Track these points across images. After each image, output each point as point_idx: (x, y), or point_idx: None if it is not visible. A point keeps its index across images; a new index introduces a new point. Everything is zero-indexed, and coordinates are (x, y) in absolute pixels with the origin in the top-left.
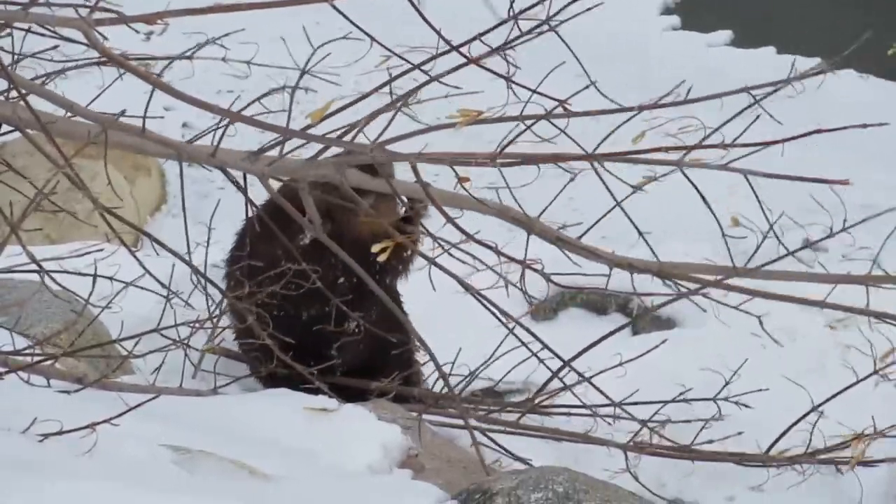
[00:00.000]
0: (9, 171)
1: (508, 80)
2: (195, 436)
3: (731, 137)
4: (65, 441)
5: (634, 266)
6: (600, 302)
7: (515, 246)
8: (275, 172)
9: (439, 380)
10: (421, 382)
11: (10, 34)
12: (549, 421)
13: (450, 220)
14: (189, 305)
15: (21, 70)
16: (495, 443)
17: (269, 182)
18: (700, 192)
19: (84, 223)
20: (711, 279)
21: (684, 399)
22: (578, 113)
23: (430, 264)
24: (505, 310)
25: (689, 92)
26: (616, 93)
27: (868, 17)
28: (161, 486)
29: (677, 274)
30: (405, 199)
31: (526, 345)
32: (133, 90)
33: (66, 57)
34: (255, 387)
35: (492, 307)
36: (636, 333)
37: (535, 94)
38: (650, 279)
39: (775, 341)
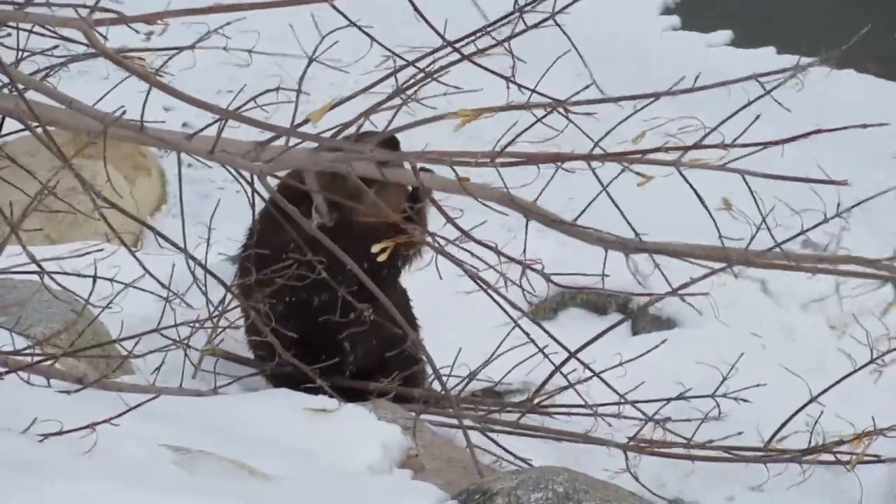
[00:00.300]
0: (9, 168)
1: (508, 80)
2: (195, 436)
3: (730, 137)
4: (65, 441)
5: (628, 245)
6: (600, 302)
7: (515, 247)
8: (276, 167)
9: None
10: (424, 381)
11: (9, 34)
12: (549, 421)
13: (450, 220)
14: (189, 305)
15: (22, 67)
16: (495, 443)
17: (268, 179)
18: (697, 193)
19: (87, 217)
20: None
21: (684, 397)
22: (582, 102)
23: (435, 256)
24: (509, 304)
25: (696, 80)
26: (616, 93)
27: (868, 17)
28: (161, 486)
29: (668, 251)
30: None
31: (530, 337)
32: (133, 89)
33: (68, 52)
34: (255, 386)
35: (497, 299)
36: (636, 333)
37: (535, 94)
38: (649, 279)
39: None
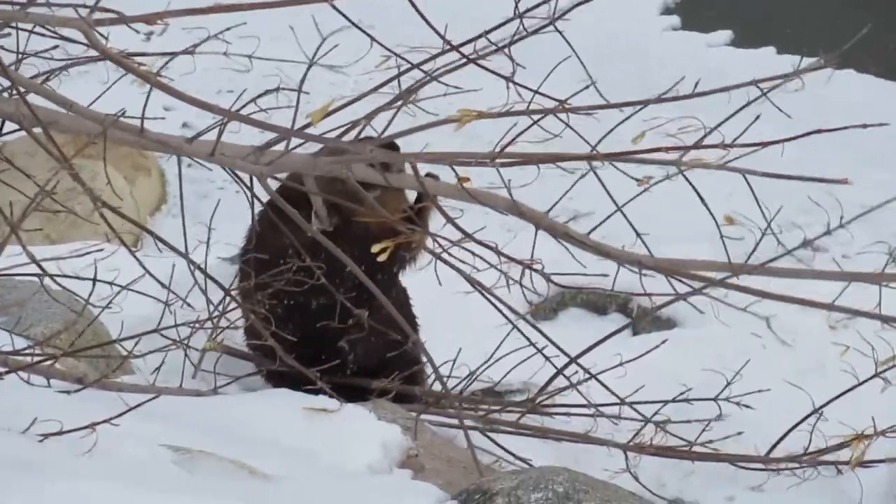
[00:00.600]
0: (8, 171)
1: (509, 80)
2: (195, 436)
3: (731, 137)
4: (65, 441)
5: (643, 263)
6: (600, 302)
7: (515, 247)
8: (276, 170)
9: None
10: (424, 381)
11: (9, 34)
12: (549, 421)
13: (450, 220)
14: (189, 306)
15: (22, 69)
16: (495, 443)
17: (269, 182)
18: (698, 193)
19: (85, 221)
20: (717, 277)
21: (685, 399)
22: (581, 108)
23: (434, 260)
24: (509, 306)
25: (697, 85)
26: (616, 93)
27: (868, 17)
28: (161, 486)
29: (685, 272)
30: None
31: (530, 340)
32: (133, 90)
33: (68, 55)
34: (255, 386)
35: (496, 302)
36: (636, 333)
37: (535, 95)
38: (649, 278)
39: (783, 341)
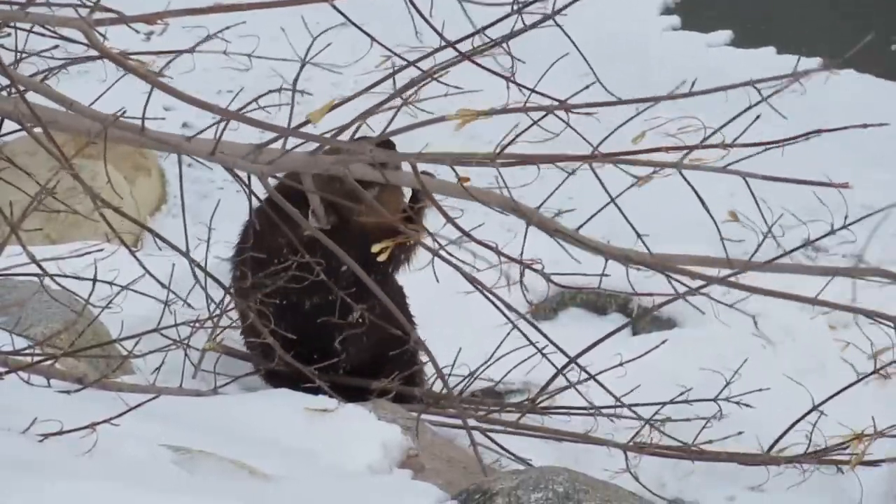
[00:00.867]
0: (8, 171)
1: (508, 80)
2: (195, 436)
3: (731, 137)
4: (65, 441)
5: (631, 258)
6: (600, 302)
7: (515, 247)
8: (276, 169)
9: (439, 379)
10: (423, 382)
11: (9, 34)
12: (549, 421)
13: (449, 220)
14: (189, 306)
15: (22, 68)
16: (495, 443)
17: (269, 180)
18: (698, 194)
19: (86, 219)
20: (709, 273)
21: (685, 399)
22: (581, 105)
23: (433, 258)
24: (508, 306)
25: (693, 84)
26: (616, 93)
27: (868, 16)
28: (161, 486)
29: (674, 267)
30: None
31: (530, 340)
32: (133, 89)
33: (68, 54)
34: (255, 386)
35: (496, 301)
36: (636, 333)
37: (536, 94)
38: (649, 278)
39: (769, 341)
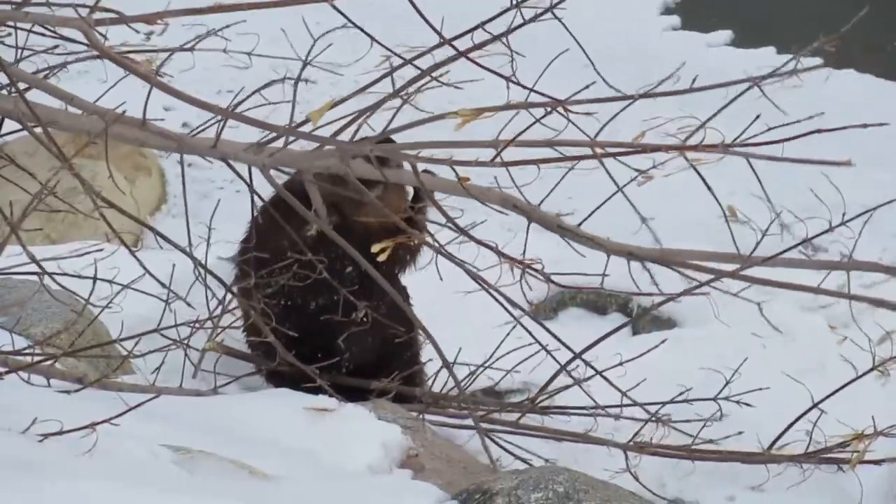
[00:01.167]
0: (8, 171)
1: (508, 80)
2: (195, 436)
3: (730, 138)
4: (65, 441)
5: (634, 253)
6: (600, 302)
7: (514, 247)
8: (277, 163)
9: (441, 379)
10: (424, 382)
11: (9, 34)
12: (549, 421)
13: (450, 219)
14: (189, 305)
15: (22, 66)
16: (495, 443)
17: (271, 173)
18: (704, 179)
19: (86, 219)
20: (707, 266)
21: (685, 399)
22: (582, 101)
23: (436, 255)
24: (511, 303)
25: (695, 80)
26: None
27: (868, 17)
28: (161, 486)
29: (672, 260)
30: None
31: (534, 337)
32: (133, 89)
33: (68, 53)
34: (255, 386)
35: (498, 297)
36: (636, 333)
37: (535, 93)
38: (650, 278)
39: (775, 328)
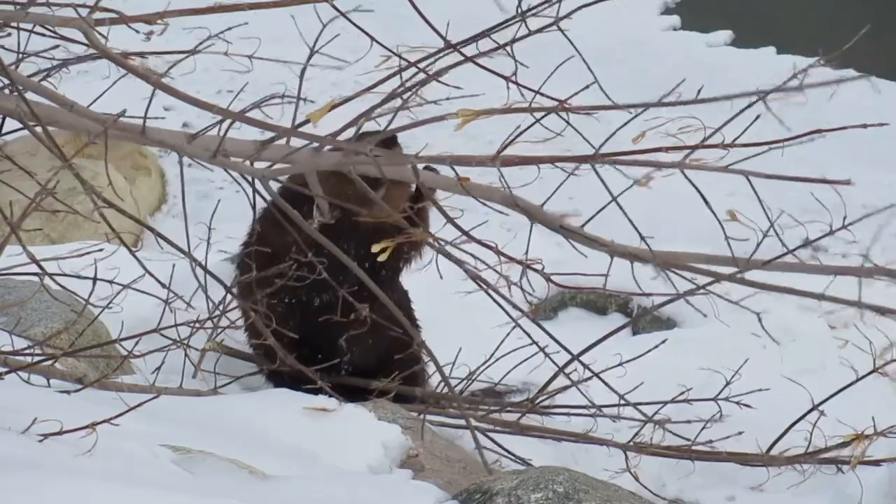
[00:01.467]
0: (8, 172)
1: (509, 81)
2: (195, 436)
3: (730, 137)
4: (65, 441)
5: (635, 255)
6: (600, 302)
7: (514, 247)
8: (276, 173)
9: (441, 379)
10: (425, 382)
11: (9, 35)
12: (549, 421)
13: (450, 220)
14: (190, 307)
15: (23, 66)
16: (495, 443)
17: (271, 183)
18: (700, 192)
19: (86, 219)
20: (712, 270)
21: (685, 399)
22: (580, 108)
23: (434, 257)
24: (510, 305)
25: (700, 91)
26: (616, 93)
27: (868, 17)
28: (161, 486)
29: (678, 264)
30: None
31: (532, 338)
32: (133, 89)
33: (68, 54)
34: (255, 386)
35: (498, 298)
36: (636, 333)
37: (536, 95)
38: (650, 277)
39: (773, 340)
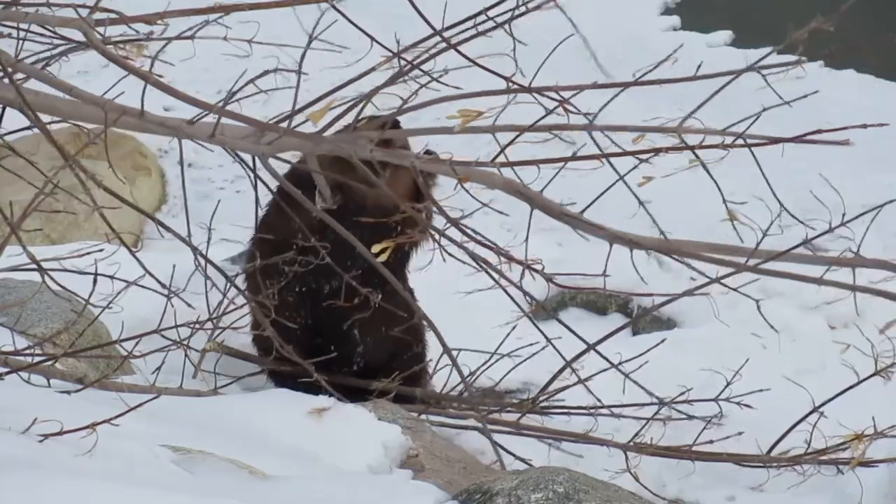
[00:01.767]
0: (8, 171)
1: (508, 80)
2: (195, 436)
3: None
4: (65, 441)
5: (636, 242)
6: (600, 302)
7: (515, 247)
8: (277, 150)
9: (441, 379)
10: (426, 382)
11: (9, 34)
12: (549, 421)
13: (450, 220)
14: (190, 306)
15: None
16: (495, 443)
17: (272, 163)
18: (710, 173)
19: (87, 217)
20: (715, 258)
21: (685, 400)
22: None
23: (437, 248)
24: (514, 298)
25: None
26: (615, 92)
27: (868, 17)
28: (161, 486)
29: (681, 252)
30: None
31: (542, 332)
32: (133, 88)
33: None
34: (255, 386)
35: (506, 288)
36: (636, 333)
37: (535, 93)
38: (652, 274)
39: (773, 328)
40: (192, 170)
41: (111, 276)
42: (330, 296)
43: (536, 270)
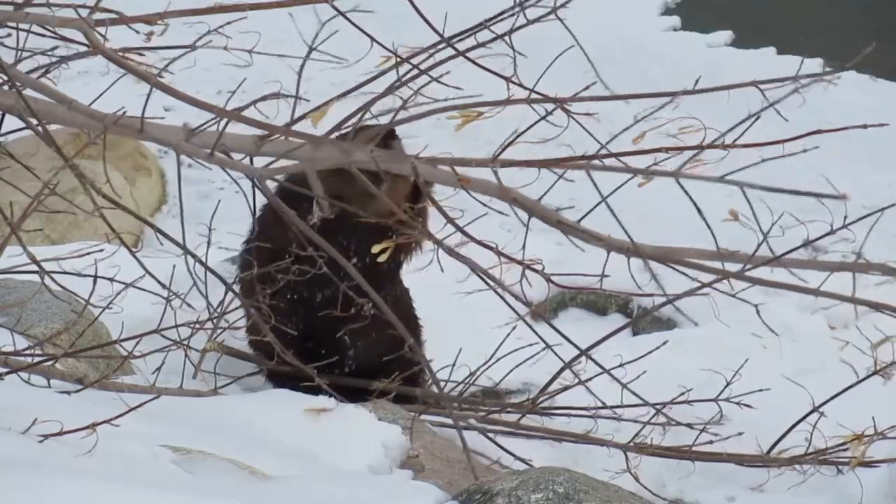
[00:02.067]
0: (9, 171)
1: (509, 81)
2: (195, 436)
3: (730, 138)
4: (65, 441)
5: (634, 250)
6: (600, 302)
7: (515, 246)
8: (274, 172)
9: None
10: (425, 382)
11: (9, 35)
12: (549, 421)
13: (450, 220)
14: (189, 306)
15: (21, 64)
16: (495, 443)
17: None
18: (693, 201)
19: (87, 218)
20: (707, 265)
21: (685, 400)
22: (584, 98)
23: (437, 252)
24: (511, 304)
25: (697, 81)
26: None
27: (868, 17)
28: (161, 486)
29: (680, 260)
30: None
31: (539, 335)
32: (133, 88)
33: (69, 52)
34: (255, 386)
35: (503, 294)
36: (636, 333)
37: (537, 95)
38: (651, 277)
39: (772, 331)
40: (192, 170)
41: (111, 278)
42: (322, 304)
43: (536, 270)
